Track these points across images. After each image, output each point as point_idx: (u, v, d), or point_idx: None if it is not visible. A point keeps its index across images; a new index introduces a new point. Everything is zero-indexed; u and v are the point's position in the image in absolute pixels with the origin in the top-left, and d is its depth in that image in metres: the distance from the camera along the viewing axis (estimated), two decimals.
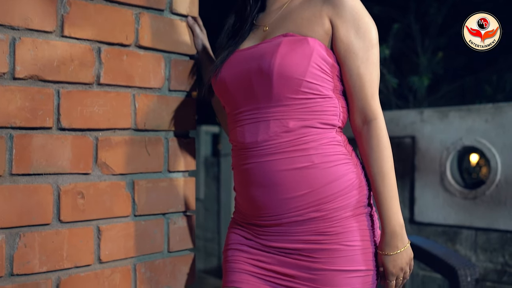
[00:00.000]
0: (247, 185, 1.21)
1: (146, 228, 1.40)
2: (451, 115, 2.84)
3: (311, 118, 1.16)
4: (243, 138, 1.20)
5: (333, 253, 1.15)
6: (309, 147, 1.15)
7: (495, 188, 2.68)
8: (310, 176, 1.14)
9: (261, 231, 1.23)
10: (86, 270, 1.28)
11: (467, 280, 1.92)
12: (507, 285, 2.68)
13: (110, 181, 1.34)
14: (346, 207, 1.16)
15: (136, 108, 1.38)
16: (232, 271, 1.26)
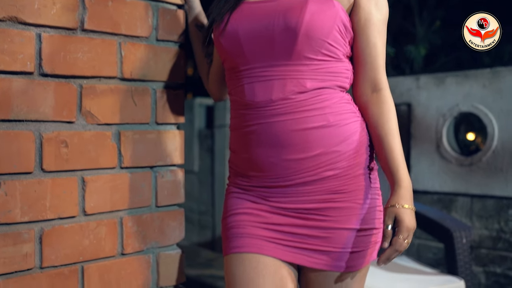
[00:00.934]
0: (256, 146, 1.17)
1: (133, 181, 1.36)
2: (447, 81, 2.79)
3: (327, 80, 1.16)
4: (253, 96, 1.16)
5: (346, 211, 1.16)
6: (324, 106, 1.15)
7: (491, 154, 2.65)
8: (325, 135, 1.14)
9: (271, 193, 1.19)
10: (70, 222, 1.24)
11: (462, 242, 1.90)
12: (502, 251, 2.66)
13: (95, 130, 1.29)
14: (358, 165, 1.18)
15: (122, 57, 1.33)
16: (236, 236, 1.20)
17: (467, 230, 1.94)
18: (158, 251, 1.41)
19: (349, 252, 1.16)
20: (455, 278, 1.89)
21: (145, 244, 1.38)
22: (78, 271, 1.26)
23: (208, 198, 4.39)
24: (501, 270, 2.67)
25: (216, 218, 4.33)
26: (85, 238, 1.27)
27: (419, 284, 1.83)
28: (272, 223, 1.18)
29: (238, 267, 1.17)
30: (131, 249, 1.35)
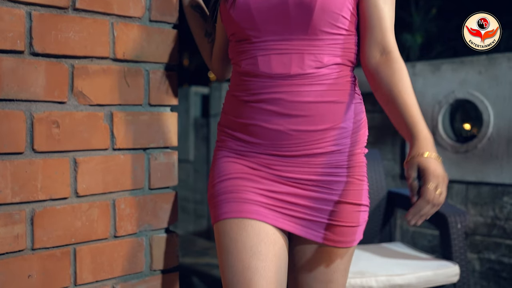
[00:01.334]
0: (267, 115, 1.15)
1: (125, 163, 1.35)
2: (443, 68, 2.78)
3: (342, 55, 1.17)
4: (269, 68, 1.15)
5: (346, 185, 1.17)
6: (337, 82, 1.16)
7: (487, 141, 2.64)
8: (336, 111, 1.15)
9: (276, 162, 1.17)
10: (62, 203, 1.23)
11: (457, 227, 1.90)
12: (497, 238, 2.67)
13: (87, 111, 1.28)
14: (358, 143, 1.20)
15: (115, 37, 1.31)
16: (233, 201, 1.17)
17: (462, 215, 1.94)
18: (151, 234, 1.40)
19: (345, 226, 1.17)
20: (450, 263, 1.89)
21: (138, 227, 1.37)
22: (70, 253, 1.25)
23: (204, 187, 4.38)
24: (495, 256, 2.68)
25: None
26: (77, 220, 1.26)
27: (413, 269, 1.83)
28: (271, 191, 1.18)
29: (241, 232, 1.13)
30: (123, 231, 1.34)
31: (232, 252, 1.13)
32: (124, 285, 1.35)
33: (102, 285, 1.31)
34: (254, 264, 1.11)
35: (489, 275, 2.69)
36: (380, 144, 3.05)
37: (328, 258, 1.19)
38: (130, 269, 1.36)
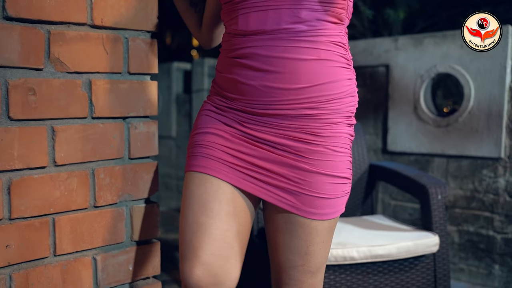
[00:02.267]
0: (245, 68, 1.15)
1: (105, 132, 1.32)
2: (425, 41, 2.78)
3: (321, 10, 1.11)
4: (246, 26, 1.14)
5: (320, 155, 1.14)
6: (318, 40, 1.12)
7: (467, 115, 2.66)
8: (314, 70, 1.11)
9: (248, 119, 1.17)
10: (40, 173, 1.21)
11: (437, 198, 1.92)
12: (475, 211, 2.71)
13: (65, 78, 1.24)
14: (338, 112, 1.16)
15: (92, 2, 1.28)
16: (202, 156, 1.20)
17: (442, 187, 1.96)
18: (131, 204, 1.39)
19: (319, 197, 1.14)
20: (430, 233, 1.92)
21: (118, 197, 1.36)
22: (49, 223, 1.23)
23: None
24: (474, 228, 2.72)
25: None
26: (56, 190, 1.23)
27: (394, 240, 1.85)
28: (240, 151, 1.18)
29: (199, 187, 1.18)
30: (103, 201, 1.33)
31: (187, 204, 1.19)
32: (105, 255, 1.34)
33: (82, 255, 1.30)
34: (202, 220, 1.15)
35: (468, 247, 2.74)
36: (362, 118, 3.06)
37: (301, 229, 1.16)
38: (111, 239, 1.35)
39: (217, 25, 1.40)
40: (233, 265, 1.17)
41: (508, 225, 2.60)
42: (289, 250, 1.19)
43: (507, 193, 2.59)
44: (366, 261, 1.79)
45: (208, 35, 1.43)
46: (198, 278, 1.14)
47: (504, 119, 2.55)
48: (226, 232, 1.16)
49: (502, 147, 2.56)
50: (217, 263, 1.15)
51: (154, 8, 1.41)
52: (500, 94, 2.54)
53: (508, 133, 2.56)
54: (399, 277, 1.85)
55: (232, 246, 1.17)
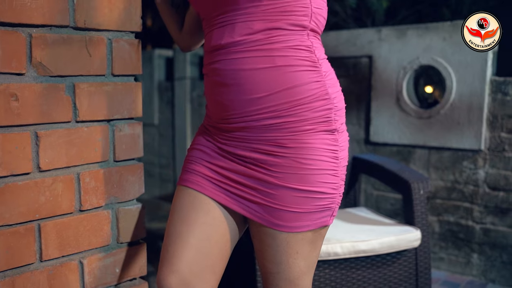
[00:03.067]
0: (213, 85, 1.18)
1: (89, 135, 1.31)
2: (409, 33, 2.78)
3: (278, 20, 1.09)
4: (209, 42, 1.18)
5: (286, 169, 1.11)
6: (273, 48, 1.09)
7: (449, 107, 2.69)
8: (270, 78, 1.08)
9: (222, 136, 1.20)
10: (25, 179, 1.19)
11: (419, 193, 1.95)
12: (456, 201, 2.76)
13: (48, 83, 1.22)
14: (305, 120, 1.10)
15: (75, 4, 1.25)
16: (188, 170, 1.25)
17: (425, 181, 1.98)
18: (117, 207, 1.38)
19: (287, 211, 1.12)
20: (412, 228, 1.95)
21: (103, 200, 1.35)
22: (34, 229, 1.22)
23: (169, 152, 4.35)
24: (454, 219, 2.78)
25: (177, 171, 4.30)
26: (41, 195, 1.22)
27: (377, 234, 1.88)
28: (216, 165, 1.21)
29: (181, 199, 1.23)
30: (89, 205, 1.32)
31: (171, 215, 1.24)
32: (91, 259, 1.34)
33: (69, 260, 1.29)
34: (179, 229, 1.19)
35: (447, 237, 2.80)
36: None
37: (272, 240, 1.15)
38: (97, 242, 1.34)
39: (199, 31, 1.41)
40: (209, 276, 1.19)
41: (487, 215, 2.66)
42: (264, 258, 1.20)
43: (487, 184, 2.65)
44: (350, 256, 1.82)
45: (189, 38, 1.44)
46: (171, 286, 1.17)
47: (485, 112, 2.59)
48: (203, 242, 1.18)
49: (482, 140, 2.61)
50: (192, 272, 1.17)
51: (137, 7, 1.39)
52: (481, 87, 2.57)
53: (488, 125, 2.60)
54: (382, 271, 1.89)
55: (209, 257, 1.18)
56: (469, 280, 2.70)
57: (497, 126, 2.57)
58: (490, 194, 2.63)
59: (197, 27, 1.39)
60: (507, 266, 2.62)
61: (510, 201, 2.58)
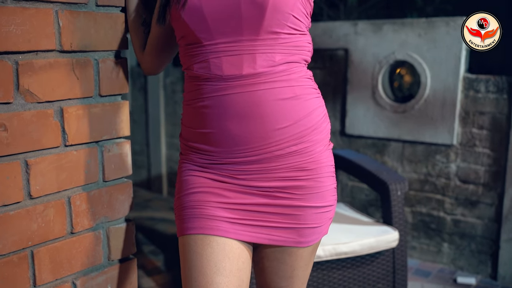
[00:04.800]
0: (224, 119, 1.14)
1: (79, 159, 1.30)
2: (385, 28, 2.82)
3: (294, 53, 1.15)
4: (220, 70, 1.12)
5: (308, 189, 1.18)
6: (291, 78, 1.15)
7: (423, 102, 2.76)
8: (293, 108, 1.14)
9: (239, 171, 1.17)
10: (16, 208, 1.19)
11: (397, 194, 2.02)
12: (428, 193, 2.86)
13: (36, 110, 1.21)
14: (320, 141, 1.19)
15: (60, 27, 1.23)
16: (197, 217, 1.19)
17: (402, 182, 2.05)
18: (107, 226, 1.39)
19: (308, 228, 1.20)
20: (390, 229, 2.02)
21: (94, 221, 1.36)
22: (27, 256, 1.22)
23: (143, 138, 4.32)
24: (426, 210, 2.88)
25: (151, 157, 4.29)
26: (33, 223, 1.22)
27: (357, 236, 1.94)
28: (235, 203, 1.19)
29: (205, 248, 1.16)
30: (80, 227, 1.32)
31: (196, 266, 1.16)
32: (84, 279, 1.35)
33: (62, 282, 1.30)
34: (217, 280, 1.14)
35: (420, 227, 2.91)
36: None
37: (288, 257, 1.23)
38: (89, 262, 1.36)
39: (165, 53, 1.36)
40: None
41: (457, 207, 2.77)
42: (275, 274, 1.26)
43: (458, 177, 2.75)
44: (331, 258, 1.88)
45: (151, 61, 1.39)
46: None
47: (457, 108, 2.67)
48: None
49: (455, 135, 2.69)
50: None
51: (123, 25, 1.38)
52: (455, 84, 2.64)
53: (461, 121, 2.68)
54: (361, 270, 1.96)
55: None
56: (440, 268, 2.83)
57: (468, 122, 2.65)
58: (461, 187, 2.74)
59: (163, 48, 1.35)
60: (475, 255, 2.75)
61: (479, 194, 2.69)
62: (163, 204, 3.97)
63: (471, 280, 2.63)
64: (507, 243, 2.59)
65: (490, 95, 2.57)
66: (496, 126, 2.58)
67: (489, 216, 2.67)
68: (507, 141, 2.54)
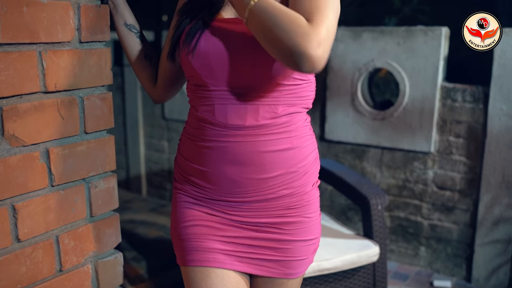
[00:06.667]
0: (219, 162, 1.18)
1: (66, 197, 1.30)
2: (364, 35, 2.83)
3: (297, 104, 1.17)
4: (225, 118, 1.15)
5: (298, 225, 1.24)
6: (291, 129, 1.18)
7: (402, 110, 2.80)
8: (288, 157, 1.18)
9: (230, 207, 1.23)
10: (4, 253, 1.18)
11: (377, 209, 2.06)
12: (406, 198, 2.92)
13: (22, 153, 1.20)
14: (308, 183, 1.24)
15: (44, 68, 1.21)
16: (195, 250, 1.26)
17: (383, 197, 2.10)
18: (96, 260, 1.40)
19: (297, 260, 1.27)
20: (371, 243, 2.07)
21: (83, 256, 1.36)
22: None
23: (120, 138, 4.28)
24: (404, 214, 2.95)
25: (129, 157, 4.26)
26: (21, 266, 1.22)
27: (339, 252, 1.99)
28: (229, 236, 1.25)
29: (206, 279, 1.24)
30: (69, 264, 1.33)
31: None
32: None
33: None
34: None
35: (398, 231, 2.98)
36: None
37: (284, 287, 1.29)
38: None
39: (175, 85, 1.40)
40: None
41: (434, 212, 2.84)
42: None
43: (435, 184, 2.81)
44: (314, 274, 1.93)
45: (164, 92, 1.41)
46: None
47: (435, 117, 2.72)
48: None
49: (432, 143, 2.75)
50: None
51: (107, 60, 1.36)
52: (433, 93, 2.69)
53: (438, 129, 2.74)
54: (343, 284, 2.01)
55: None
56: (417, 270, 2.91)
57: (446, 130, 2.71)
58: (438, 193, 2.81)
59: (173, 81, 1.38)
60: (451, 258, 2.84)
61: (455, 200, 2.76)
62: (143, 205, 3.96)
63: (447, 284, 2.71)
64: (481, 248, 2.68)
65: (466, 104, 2.63)
66: (472, 135, 2.64)
67: (464, 222, 2.75)
68: (482, 150, 2.60)
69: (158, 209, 3.87)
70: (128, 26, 1.36)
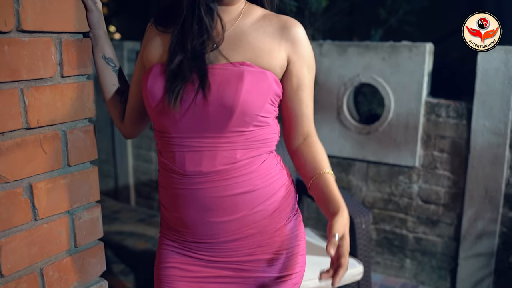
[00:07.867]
0: (184, 207, 1.21)
1: (50, 231, 1.31)
2: (349, 50, 2.86)
3: (257, 147, 1.18)
4: (183, 165, 1.17)
5: (268, 262, 1.24)
6: (252, 171, 1.17)
7: (387, 125, 2.83)
8: (251, 199, 1.18)
9: (205, 249, 1.25)
10: None
11: (362, 228, 2.09)
12: (391, 212, 2.96)
13: (5, 190, 1.20)
14: (280, 219, 1.24)
15: (26, 105, 1.22)
16: None
17: (367, 216, 2.12)
18: None
19: None
20: (355, 262, 2.10)
21: (67, 287, 1.37)
22: None
23: (108, 147, 4.28)
24: (389, 227, 2.98)
25: (117, 167, 4.26)
26: None
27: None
28: (198, 276, 1.27)
29: None
30: None
31: None
32: None
33: None
34: None
35: (383, 243, 3.01)
36: None
37: None
38: None
39: (143, 121, 1.40)
40: None
41: (419, 225, 2.87)
42: None
43: (420, 197, 2.85)
44: None
45: (129, 129, 1.43)
46: None
47: (420, 132, 2.75)
48: None
49: (417, 157, 2.78)
50: None
51: (90, 93, 1.37)
52: (417, 108, 2.72)
53: (423, 144, 2.77)
54: None
55: None
56: (403, 282, 2.95)
57: (430, 145, 2.74)
58: (423, 207, 2.84)
59: (141, 116, 1.39)
60: (436, 270, 2.87)
61: (439, 214, 2.80)
62: (132, 216, 3.97)
63: None
64: (464, 260, 2.72)
65: (450, 120, 2.66)
66: (456, 150, 2.68)
67: (448, 235, 2.79)
68: (466, 165, 2.64)
69: (146, 220, 3.88)
70: (106, 59, 1.38)
